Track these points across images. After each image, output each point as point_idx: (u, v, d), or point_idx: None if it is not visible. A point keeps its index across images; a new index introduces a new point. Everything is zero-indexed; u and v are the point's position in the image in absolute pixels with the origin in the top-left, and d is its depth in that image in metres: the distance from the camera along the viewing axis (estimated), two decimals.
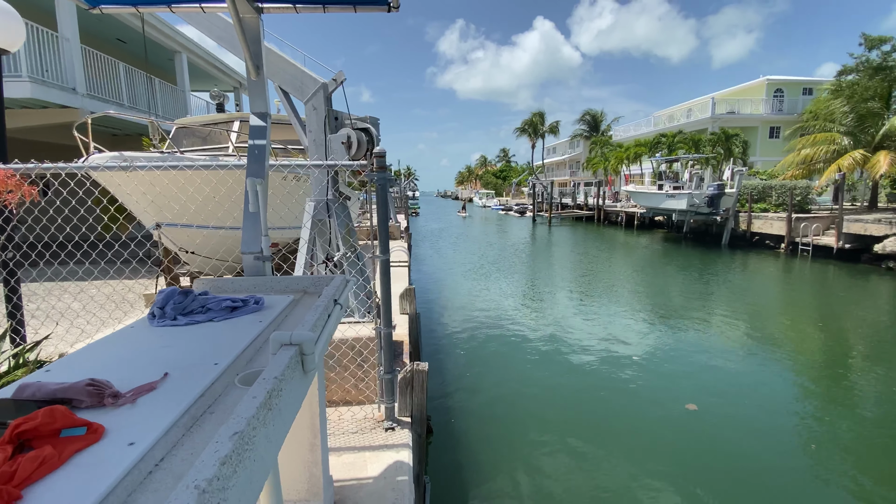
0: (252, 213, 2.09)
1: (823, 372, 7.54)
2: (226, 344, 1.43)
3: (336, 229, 3.57)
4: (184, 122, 8.12)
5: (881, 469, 4.89)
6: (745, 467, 4.75)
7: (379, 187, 2.71)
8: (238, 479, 0.77)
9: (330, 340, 3.30)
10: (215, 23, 3.95)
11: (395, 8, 2.59)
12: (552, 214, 38.59)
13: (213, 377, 1.19)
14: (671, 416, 5.86)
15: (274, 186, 5.13)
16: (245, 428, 0.83)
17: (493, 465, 4.81)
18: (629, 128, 45.90)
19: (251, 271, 2.20)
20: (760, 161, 30.82)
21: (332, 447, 2.97)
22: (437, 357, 7.91)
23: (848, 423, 5.76)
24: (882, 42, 16.79)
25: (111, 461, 0.83)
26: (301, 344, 1.23)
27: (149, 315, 1.69)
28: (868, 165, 18.33)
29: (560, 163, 65.21)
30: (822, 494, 4.42)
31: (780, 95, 32.84)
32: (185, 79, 15.87)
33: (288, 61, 3.89)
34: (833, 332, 9.70)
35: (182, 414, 1.01)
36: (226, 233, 4.22)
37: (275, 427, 0.98)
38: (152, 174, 4.24)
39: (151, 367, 1.25)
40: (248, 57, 2.44)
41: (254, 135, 2.40)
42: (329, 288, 1.92)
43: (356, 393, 3.47)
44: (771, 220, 20.50)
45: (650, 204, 27.36)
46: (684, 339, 8.88)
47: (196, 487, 0.66)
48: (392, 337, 3.25)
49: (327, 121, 3.59)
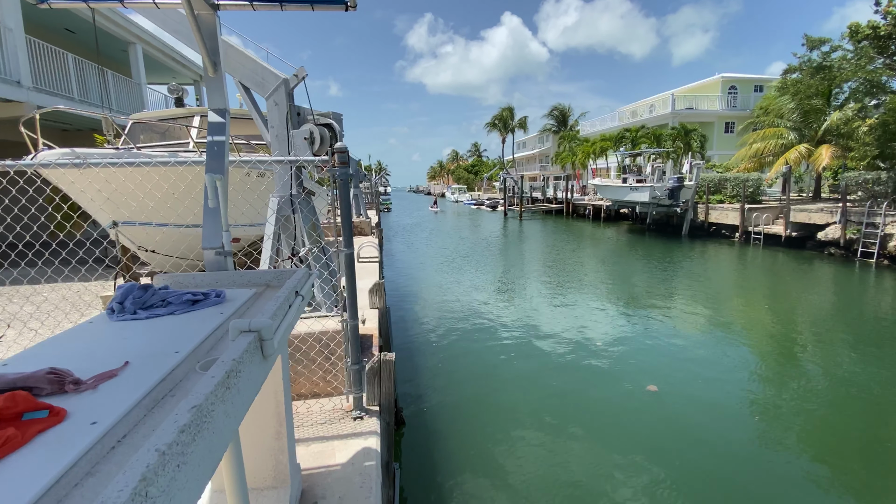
0: (212, 208, 2.12)
1: (772, 351, 8.08)
2: (186, 334, 1.48)
3: (301, 224, 3.60)
4: (140, 116, 7.84)
5: (821, 434, 5.35)
6: (700, 442, 5.09)
7: (341, 182, 2.76)
8: (197, 447, 0.85)
9: (292, 330, 3.35)
10: (171, 16, 3.87)
11: (353, 7, 2.64)
12: (523, 208, 39.20)
13: (174, 363, 1.25)
14: (633, 398, 6.17)
15: (237, 183, 5.08)
16: (203, 402, 0.90)
17: (465, 454, 4.94)
18: (595, 123, 47.01)
19: (213, 267, 2.23)
20: (717, 155, 32.25)
21: (301, 438, 3.03)
22: (409, 350, 8.00)
23: (793, 396, 6.23)
24: (822, 43, 17.89)
25: (74, 439, 0.89)
26: (260, 330, 1.30)
27: (107, 310, 1.71)
28: (812, 158, 19.52)
29: (530, 157, 66.11)
30: (770, 461, 4.78)
31: (734, 92, 34.40)
32: (140, 71, 15.21)
33: (248, 57, 3.86)
34: (781, 314, 10.38)
35: (144, 396, 1.07)
36: (187, 230, 4.15)
37: (233, 405, 1.06)
38: (108, 171, 4.12)
39: (112, 357, 1.29)
40: (204, 54, 2.45)
41: (213, 131, 2.42)
42: (291, 280, 1.98)
43: (324, 385, 3.52)
44: (726, 211, 21.55)
45: (615, 197, 28.21)
46: (646, 325, 9.31)
47: (157, 450, 0.74)
48: (358, 329, 3.32)
49: (289, 116, 3.61)
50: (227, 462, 1.54)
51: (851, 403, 6.03)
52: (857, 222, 15.77)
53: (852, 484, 4.43)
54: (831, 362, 7.36)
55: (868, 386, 6.44)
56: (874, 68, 15.45)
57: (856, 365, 7.19)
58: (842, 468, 4.68)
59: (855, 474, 4.58)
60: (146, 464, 0.71)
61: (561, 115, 51.81)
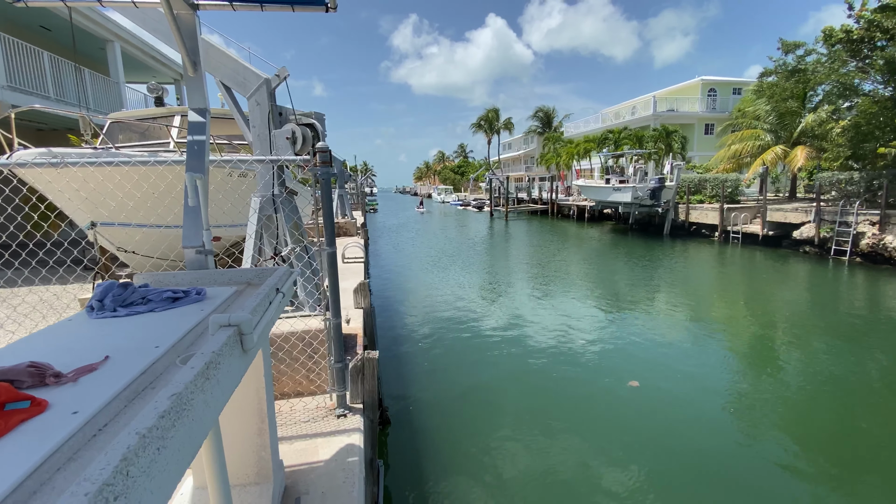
0: (192, 207, 2.13)
1: (749, 346, 8.32)
2: (167, 331, 1.51)
3: (283, 224, 3.61)
4: (119, 116, 7.72)
5: (797, 426, 5.53)
6: (681, 435, 5.22)
7: (322, 182, 2.79)
8: (177, 433, 0.89)
9: (276, 329, 3.37)
10: (150, 15, 3.85)
11: (333, 8, 2.68)
12: (509, 209, 39.45)
13: (155, 357, 1.28)
14: (616, 393, 6.29)
15: (219, 182, 5.05)
16: (183, 391, 0.94)
17: (450, 451, 4.99)
18: (579, 124, 47.57)
19: (193, 265, 2.24)
20: (697, 156, 32.93)
21: (285, 436, 3.04)
22: (395, 349, 8.02)
23: (769, 390, 6.43)
24: (797, 47, 18.43)
25: (56, 428, 0.92)
26: (239, 325, 1.34)
27: (87, 308, 1.72)
28: (788, 159, 20.10)
29: (515, 158, 66.54)
30: (748, 452, 4.93)
31: (714, 94, 35.18)
32: (119, 70, 14.92)
33: (229, 56, 3.86)
34: (758, 310, 10.67)
35: (124, 388, 1.10)
36: (167, 230, 4.12)
37: (213, 395, 1.10)
38: (86, 171, 4.07)
39: (91, 352, 1.31)
40: (184, 53, 2.46)
41: (193, 130, 2.43)
42: (272, 278, 2.01)
43: (308, 384, 3.54)
44: (706, 211, 22.04)
45: (598, 197, 28.60)
46: (628, 322, 9.49)
47: (137, 433, 0.78)
48: (341, 327, 3.35)
49: (271, 116, 3.62)
50: (208, 458, 1.57)
51: (825, 396, 6.25)
52: (830, 221, 16.29)
53: (826, 472, 4.61)
54: (806, 357, 7.61)
55: (841, 379, 6.69)
56: (847, 71, 15.97)
57: (829, 359, 7.45)
58: (816, 458, 4.86)
59: (829, 463, 4.76)
60: (127, 445, 0.75)
61: (545, 117, 52.30)
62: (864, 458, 4.83)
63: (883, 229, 14.79)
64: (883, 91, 15.80)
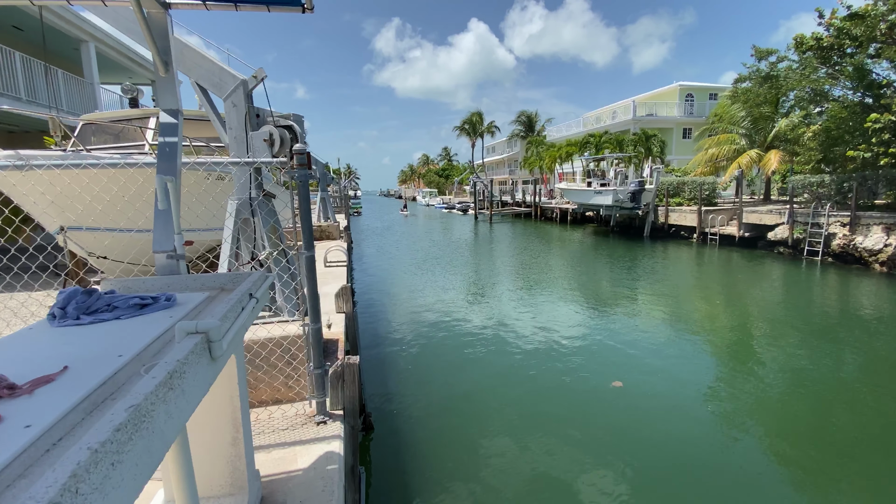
0: (163, 210, 2.08)
1: (727, 345, 8.50)
2: (132, 339, 1.46)
3: (261, 227, 3.54)
4: (91, 117, 7.50)
5: (774, 421, 5.66)
6: (664, 433, 5.29)
7: (300, 184, 2.75)
8: (134, 446, 0.85)
9: (253, 336, 3.30)
10: (123, 14, 3.76)
11: (310, 9, 2.65)
12: (493, 212, 39.65)
13: (117, 367, 1.23)
14: (600, 394, 6.35)
15: (193, 185, 4.94)
16: (142, 402, 0.91)
17: (434, 456, 4.95)
18: (561, 128, 48.15)
19: (164, 270, 2.18)
20: (676, 159, 33.63)
21: (263, 445, 2.98)
22: (379, 354, 7.95)
23: (747, 387, 6.58)
24: (769, 54, 19.04)
25: (7, 442, 0.88)
26: (207, 332, 1.30)
27: (49, 316, 1.65)
28: (762, 163, 20.69)
29: (499, 161, 66.96)
30: (728, 447, 5.03)
31: (691, 100, 36.02)
32: (93, 70, 14.54)
33: (204, 57, 3.79)
34: (735, 310, 10.92)
35: (82, 400, 1.06)
36: (138, 235, 4.00)
37: (176, 405, 1.06)
38: (53, 174, 3.93)
39: (50, 362, 1.26)
40: (155, 53, 2.40)
41: (164, 132, 2.37)
42: (245, 283, 1.97)
43: (286, 391, 3.47)
44: (685, 213, 22.51)
45: (580, 200, 28.96)
46: (611, 323, 9.61)
47: (89, 448, 0.74)
48: (321, 332, 3.29)
49: (248, 118, 3.56)
50: (176, 470, 1.52)
51: (800, 391, 6.43)
52: (803, 223, 16.80)
53: (804, 464, 4.72)
54: (781, 354, 7.81)
55: (814, 374, 6.89)
56: (818, 77, 16.54)
57: (804, 356, 7.66)
58: (794, 451, 4.98)
59: (806, 456, 4.88)
60: (77, 461, 0.71)
61: (528, 121, 52.81)
62: (839, 449, 4.98)
63: (853, 230, 15.32)
64: (852, 97, 16.40)
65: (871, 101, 15.35)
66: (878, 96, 14.98)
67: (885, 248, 14.18)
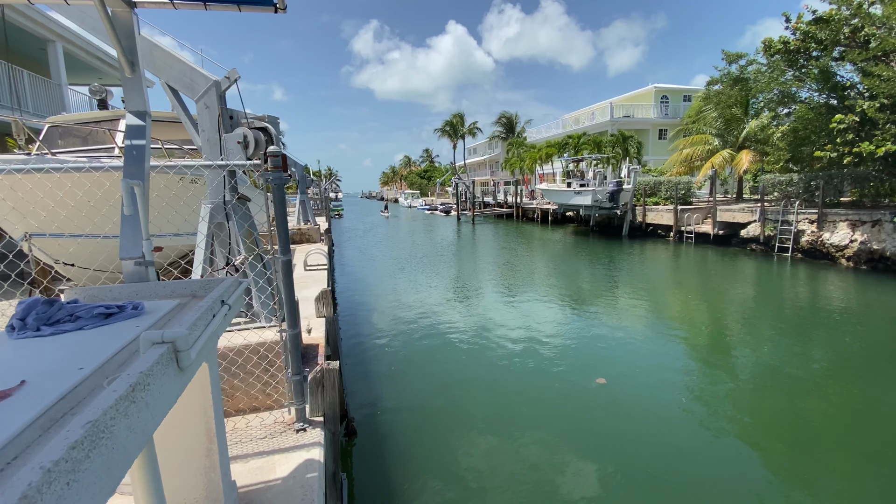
0: (129, 216, 2.01)
1: (704, 339, 8.71)
2: (95, 350, 1.40)
3: (235, 232, 3.46)
4: (57, 120, 7.23)
5: (751, 413, 5.81)
6: (648, 428, 5.37)
7: (275, 187, 2.70)
8: (92, 464, 0.81)
9: (229, 343, 3.23)
10: (89, 13, 3.64)
11: (282, 9, 2.61)
12: (475, 213, 39.81)
13: (77, 381, 1.18)
14: (584, 391, 6.41)
15: (162, 189, 4.80)
16: (100, 417, 0.87)
17: (419, 460, 4.91)
18: (541, 130, 48.65)
19: (132, 278, 2.11)
20: (652, 160, 34.35)
21: (240, 454, 2.91)
22: (362, 358, 7.87)
23: (725, 380, 6.75)
24: (739, 57, 19.62)
25: None
26: (174, 341, 1.26)
27: (7, 328, 1.58)
28: (734, 163, 21.29)
29: (481, 163, 67.25)
30: (709, 441, 5.14)
31: (666, 101, 36.86)
32: (60, 71, 14.03)
33: (175, 58, 3.69)
34: (711, 306, 11.20)
35: (39, 416, 1.01)
36: (105, 241, 3.85)
37: (139, 419, 1.02)
38: (13, 178, 3.76)
39: (6, 376, 1.20)
40: (120, 53, 2.33)
41: (131, 135, 2.30)
42: (217, 289, 1.92)
43: (264, 398, 3.40)
44: (661, 212, 23.00)
45: (561, 201, 29.31)
46: (593, 321, 9.73)
47: (41, 468, 0.70)
48: (299, 338, 3.24)
49: (221, 119, 3.48)
50: (143, 485, 1.46)
51: (775, 383, 6.62)
52: (773, 220, 17.35)
53: (779, 456, 4.86)
54: (756, 348, 8.04)
55: (788, 367, 7.11)
56: (785, 80, 17.11)
57: (778, 349, 7.90)
58: (769, 443, 5.11)
59: (781, 447, 5.02)
60: (28, 482, 0.68)
61: (508, 123, 53.19)
62: (812, 439, 5.15)
63: (820, 227, 15.90)
64: (818, 98, 17.02)
65: (836, 102, 15.96)
66: (843, 98, 15.58)
67: (851, 243, 14.75)
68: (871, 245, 14.18)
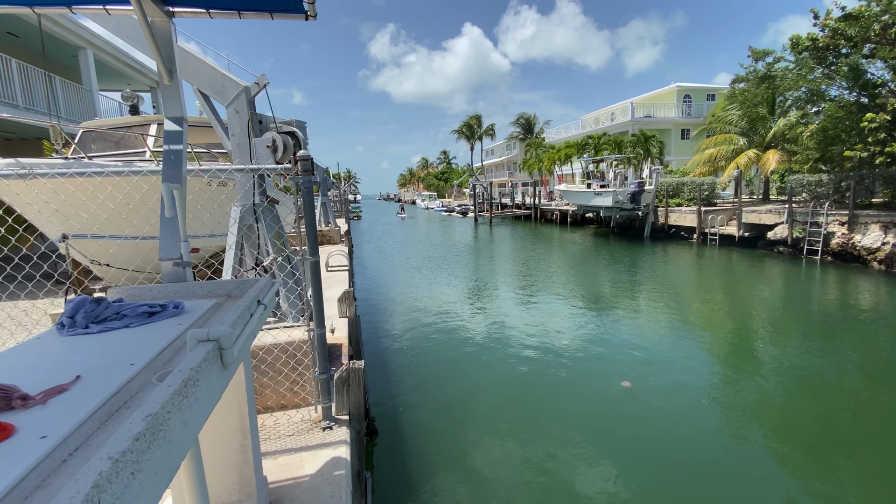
0: (169, 218, 2.08)
1: (731, 344, 8.50)
2: (142, 347, 1.45)
3: (264, 234, 3.54)
4: (91, 125, 7.51)
5: (778, 418, 5.66)
6: (673, 431, 5.29)
7: (304, 190, 2.76)
8: (152, 455, 0.85)
9: (257, 342, 3.30)
10: (124, 22, 3.77)
11: (313, 17, 2.66)
12: (492, 214, 39.70)
13: (129, 376, 1.23)
14: (609, 394, 6.33)
15: (197, 192, 4.94)
16: (159, 411, 0.90)
17: (439, 460, 4.92)
18: (560, 130, 48.27)
19: (171, 278, 2.18)
20: (674, 160, 33.72)
21: (269, 451, 2.97)
22: (382, 359, 7.93)
23: (752, 384, 6.58)
24: (766, 55, 19.13)
25: (23, 453, 0.87)
26: (219, 339, 1.30)
27: (57, 325, 1.65)
28: (760, 163, 20.73)
29: (498, 164, 67.06)
30: (735, 444, 5.03)
31: (689, 101, 36.15)
32: (91, 77, 14.57)
33: (207, 64, 3.80)
34: (737, 310, 10.92)
35: (96, 409, 1.06)
36: (143, 242, 3.99)
37: (191, 413, 1.06)
38: (56, 182, 3.93)
39: (62, 372, 1.25)
40: (159, 61, 2.41)
41: (169, 140, 2.38)
42: (253, 289, 1.97)
43: (292, 396, 3.47)
44: (684, 214, 22.53)
45: (580, 202, 29.01)
46: (616, 324, 9.60)
47: (110, 458, 0.74)
48: (326, 337, 3.29)
49: (251, 124, 3.56)
50: (188, 478, 1.51)
51: (803, 389, 6.43)
52: (802, 222, 16.82)
53: (808, 462, 4.72)
54: (785, 353, 7.81)
55: (818, 371, 6.89)
56: (814, 77, 16.60)
57: (806, 355, 7.66)
58: (797, 448, 4.97)
59: (810, 453, 4.88)
60: (99, 471, 0.71)
61: (527, 123, 52.94)
62: (843, 446, 4.97)
63: (851, 229, 15.34)
64: (848, 96, 16.46)
65: (867, 100, 15.40)
66: (874, 96, 15.03)
67: (883, 246, 14.20)
68: None
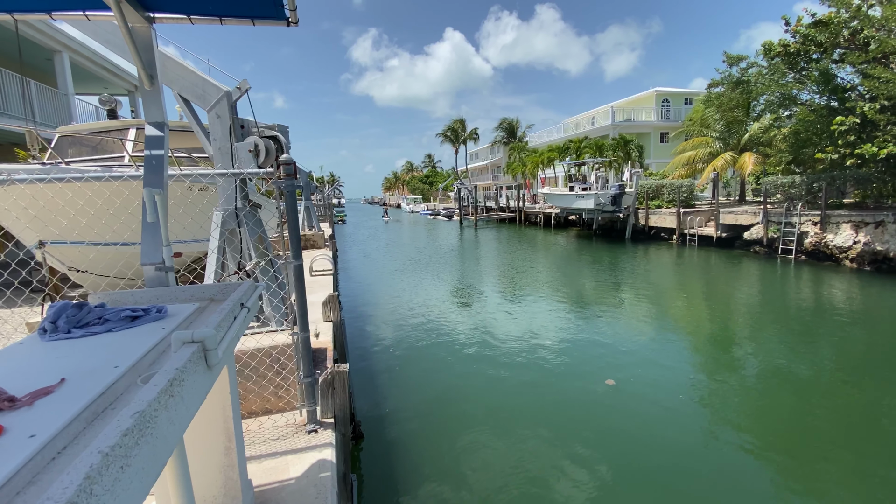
0: (151, 223, 2.09)
1: (710, 341, 8.72)
2: (126, 350, 1.47)
3: (247, 238, 3.55)
4: (68, 129, 7.36)
5: (758, 415, 5.83)
6: (657, 428, 5.40)
7: (287, 194, 2.78)
8: (140, 451, 0.88)
9: (241, 346, 3.30)
10: (102, 27, 3.75)
11: (294, 23, 2.70)
12: (477, 217, 39.92)
13: (114, 378, 1.25)
14: (594, 393, 6.43)
15: (179, 197, 4.90)
16: (146, 408, 0.94)
17: (426, 462, 4.94)
18: (542, 134, 48.82)
19: (153, 283, 2.19)
20: (654, 163, 34.42)
21: (254, 455, 2.97)
22: (367, 362, 7.92)
23: (731, 381, 6.78)
24: (740, 60, 19.74)
25: (13, 452, 0.90)
26: (203, 340, 1.33)
27: (39, 331, 1.65)
28: (737, 165, 21.33)
29: (483, 168, 67.44)
30: (717, 443, 5.16)
31: (667, 105, 36.97)
32: (67, 81, 14.24)
33: (187, 69, 3.80)
34: (716, 308, 11.21)
35: (83, 409, 1.08)
36: (123, 248, 3.95)
37: (177, 412, 1.09)
38: (34, 188, 3.86)
39: (46, 375, 1.27)
40: (140, 66, 2.42)
41: (150, 145, 2.39)
42: (236, 293, 1.99)
43: (276, 401, 3.47)
44: (664, 216, 23.02)
45: (563, 204, 29.39)
46: (599, 324, 9.76)
47: (100, 452, 0.78)
48: (310, 341, 3.31)
49: (233, 129, 3.57)
50: (173, 479, 1.53)
51: (782, 385, 6.63)
52: (777, 222, 17.35)
53: (786, 457, 4.88)
54: (763, 350, 8.05)
55: (794, 368, 7.13)
56: (786, 82, 17.19)
57: (783, 351, 7.92)
58: (778, 445, 5.13)
59: (788, 449, 5.04)
60: (90, 464, 0.75)
61: (510, 128, 53.40)
62: (818, 441, 5.16)
63: (824, 229, 15.89)
64: (819, 100, 17.08)
65: (837, 104, 16.00)
66: (843, 100, 15.63)
67: (854, 245, 14.74)
68: (875, 246, 14.17)
